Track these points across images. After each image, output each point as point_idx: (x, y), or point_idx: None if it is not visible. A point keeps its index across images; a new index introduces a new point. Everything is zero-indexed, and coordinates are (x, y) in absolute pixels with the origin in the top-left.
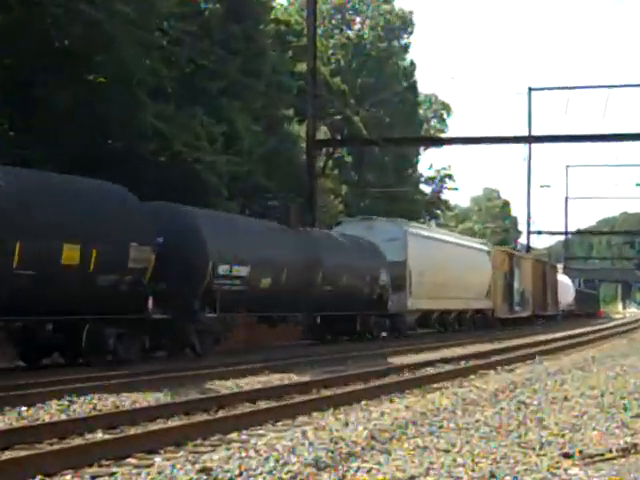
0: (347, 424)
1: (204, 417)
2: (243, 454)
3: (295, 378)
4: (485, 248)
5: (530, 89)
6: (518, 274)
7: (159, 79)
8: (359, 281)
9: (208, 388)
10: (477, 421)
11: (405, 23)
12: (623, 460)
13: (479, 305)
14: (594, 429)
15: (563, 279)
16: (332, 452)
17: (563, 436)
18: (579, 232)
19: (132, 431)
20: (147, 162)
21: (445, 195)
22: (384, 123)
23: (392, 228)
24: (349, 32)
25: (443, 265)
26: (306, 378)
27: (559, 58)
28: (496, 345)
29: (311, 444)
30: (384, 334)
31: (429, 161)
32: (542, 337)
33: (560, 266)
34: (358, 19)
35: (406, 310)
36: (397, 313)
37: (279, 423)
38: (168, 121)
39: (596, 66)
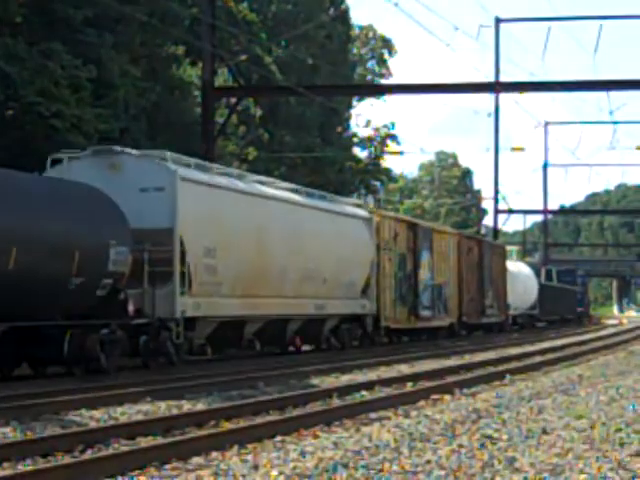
0: (256, 467)
1: (67, 460)
2: None
3: (187, 406)
4: (361, 213)
5: (498, 20)
6: (428, 259)
7: (4, 4)
8: (56, 263)
9: (71, 420)
10: (428, 462)
11: None
12: None
13: (346, 308)
14: (581, 472)
15: (519, 269)
16: None
17: None
18: (562, 211)
19: None
20: None
21: (386, 162)
22: (305, 65)
23: (151, 169)
24: None
25: (262, 238)
26: (201, 406)
27: None
28: (453, 361)
29: None
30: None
31: (365, 117)
32: (513, 351)
33: (537, 255)
34: None
35: (175, 318)
36: (157, 323)
37: (167, 466)
38: (16, 62)
39: None
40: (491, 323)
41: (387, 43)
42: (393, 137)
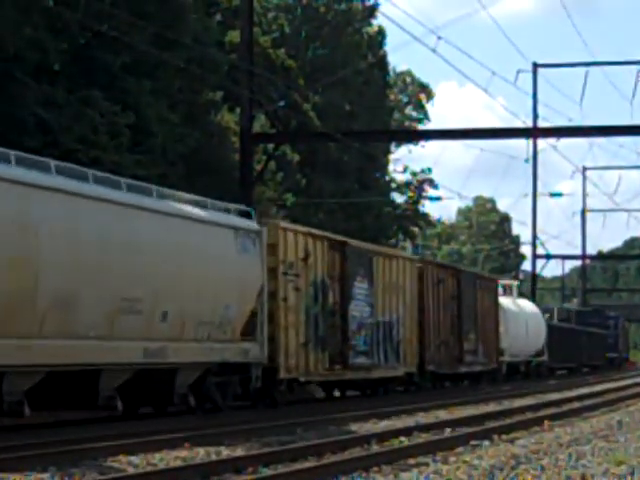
0: None
1: None
2: None
3: (225, 452)
4: (243, 223)
5: (535, 65)
6: (366, 289)
7: (43, 53)
8: None
9: (110, 466)
10: None
11: None
12: None
13: (210, 356)
14: None
15: (520, 307)
16: None
17: None
18: (601, 256)
19: None
20: None
21: (424, 207)
22: (343, 111)
23: None
24: None
25: (26, 248)
26: (240, 452)
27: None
28: (491, 407)
29: None
30: None
31: (403, 162)
32: (554, 396)
33: (576, 300)
34: None
35: None
36: None
37: None
38: (55, 109)
39: (623, 38)
40: (474, 373)
41: (425, 88)
42: (430, 182)
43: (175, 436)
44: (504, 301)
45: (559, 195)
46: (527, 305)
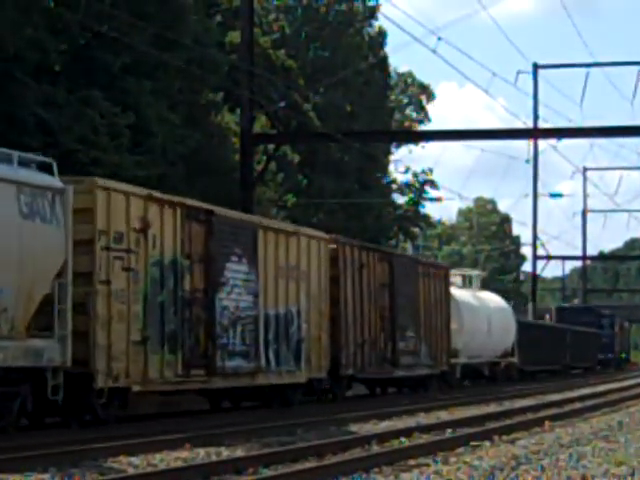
0: None
1: None
2: None
3: (226, 453)
4: (21, 176)
5: (535, 66)
6: (245, 272)
7: (43, 53)
8: None
9: (110, 467)
10: None
11: None
12: None
13: None
14: None
15: (481, 301)
16: None
17: None
18: (602, 257)
19: None
20: None
21: (425, 208)
22: (344, 112)
23: None
24: None
25: None
26: (240, 453)
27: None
28: (491, 408)
29: None
30: None
31: (403, 163)
32: (554, 397)
33: (576, 301)
34: None
35: None
36: None
37: None
38: (55, 109)
39: (623, 39)
40: (415, 377)
41: (425, 89)
42: (431, 183)
43: (175, 437)
44: (460, 293)
45: (559, 196)
46: (492, 299)
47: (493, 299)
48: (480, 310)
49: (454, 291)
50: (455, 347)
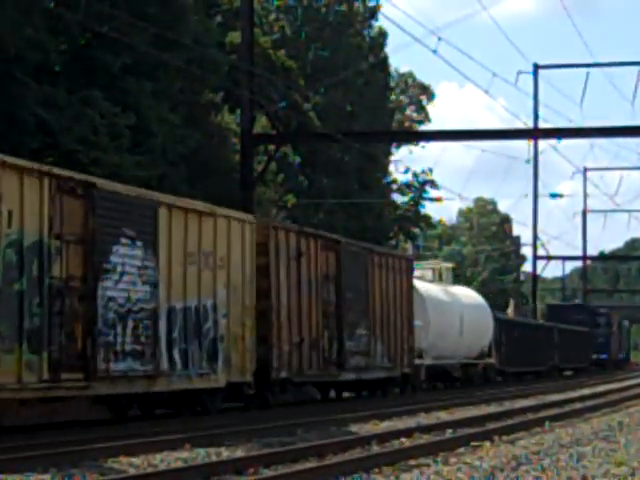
0: None
1: None
2: None
3: (226, 453)
4: None
5: (536, 66)
6: (143, 255)
7: (44, 53)
8: None
9: (110, 467)
10: None
11: None
12: None
13: None
14: None
15: (453, 296)
16: None
17: None
18: (602, 257)
19: None
20: None
21: (426, 208)
22: (344, 112)
23: None
24: None
25: None
26: (240, 453)
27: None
28: (492, 408)
29: None
30: None
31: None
32: (555, 397)
33: (577, 301)
34: None
35: None
36: None
37: None
38: (56, 109)
39: (623, 39)
40: (370, 380)
41: (425, 89)
42: (431, 183)
43: (176, 437)
44: (427, 287)
45: (559, 196)
46: (466, 294)
47: (467, 294)
48: (451, 306)
49: (419, 285)
50: (420, 347)
